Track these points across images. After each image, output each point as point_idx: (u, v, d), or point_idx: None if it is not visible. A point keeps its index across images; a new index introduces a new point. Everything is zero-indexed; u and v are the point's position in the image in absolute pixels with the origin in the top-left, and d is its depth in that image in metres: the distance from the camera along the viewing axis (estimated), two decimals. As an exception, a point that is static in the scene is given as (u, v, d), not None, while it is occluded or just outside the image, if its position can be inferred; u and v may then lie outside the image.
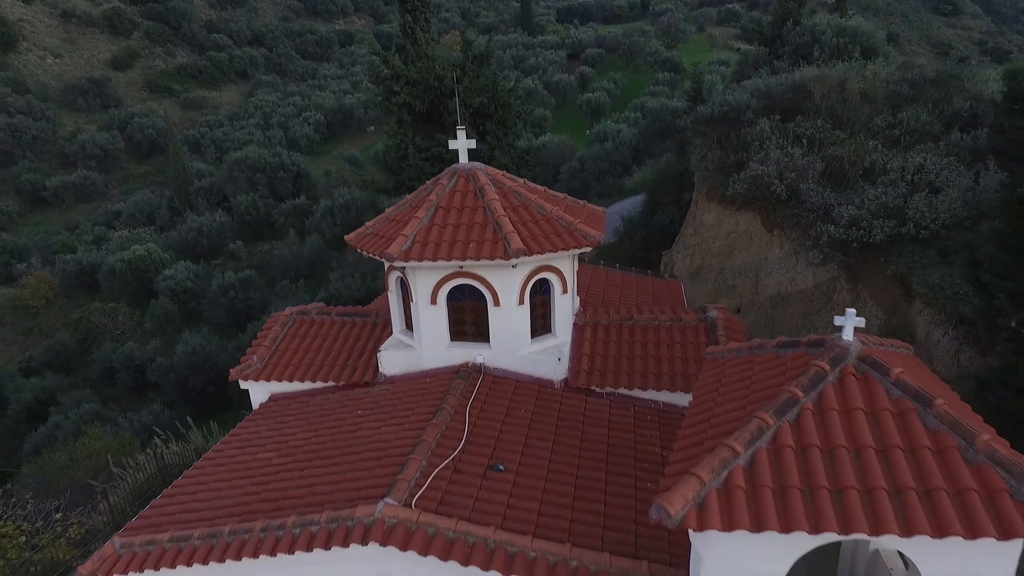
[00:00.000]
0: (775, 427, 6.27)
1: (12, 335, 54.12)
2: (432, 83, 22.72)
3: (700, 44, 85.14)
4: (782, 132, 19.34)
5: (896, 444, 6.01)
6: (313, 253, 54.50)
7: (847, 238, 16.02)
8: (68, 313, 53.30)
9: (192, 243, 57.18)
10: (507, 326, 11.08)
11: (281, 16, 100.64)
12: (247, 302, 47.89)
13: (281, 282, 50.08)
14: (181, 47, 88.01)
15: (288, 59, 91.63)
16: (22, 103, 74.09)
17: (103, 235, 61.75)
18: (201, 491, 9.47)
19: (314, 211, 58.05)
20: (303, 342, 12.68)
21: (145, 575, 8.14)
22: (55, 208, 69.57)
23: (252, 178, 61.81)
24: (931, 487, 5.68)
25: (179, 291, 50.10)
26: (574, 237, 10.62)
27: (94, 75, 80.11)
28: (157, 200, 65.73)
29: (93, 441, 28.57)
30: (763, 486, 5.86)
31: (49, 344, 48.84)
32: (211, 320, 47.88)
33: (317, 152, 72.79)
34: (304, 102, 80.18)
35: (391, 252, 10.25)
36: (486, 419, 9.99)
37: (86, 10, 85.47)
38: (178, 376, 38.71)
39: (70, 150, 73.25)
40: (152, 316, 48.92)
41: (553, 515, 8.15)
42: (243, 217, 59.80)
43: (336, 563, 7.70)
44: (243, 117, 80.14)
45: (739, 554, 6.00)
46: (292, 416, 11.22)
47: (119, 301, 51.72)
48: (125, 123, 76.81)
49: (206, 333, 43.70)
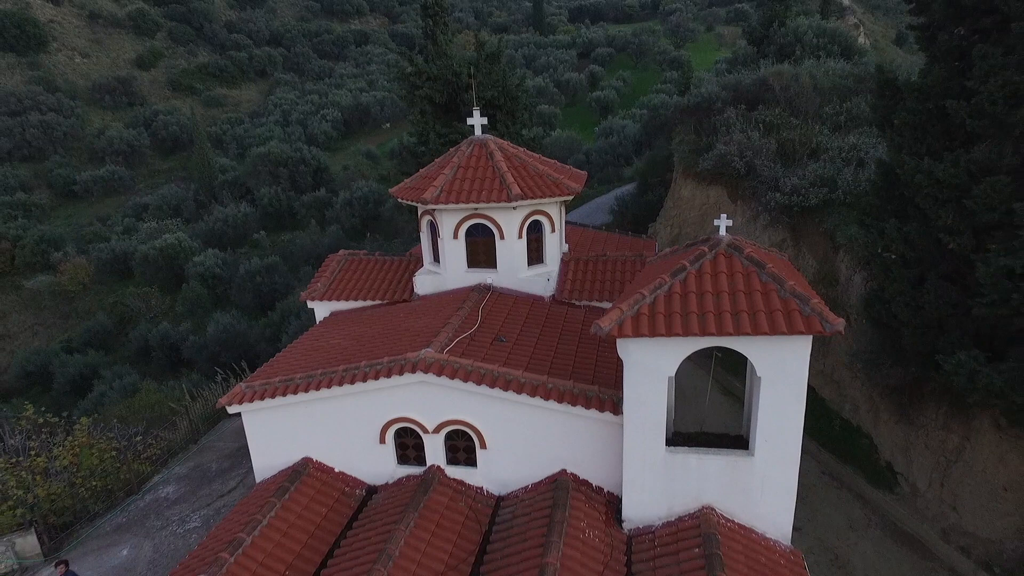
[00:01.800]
0: (670, 283, 10.53)
1: (52, 318, 58.89)
2: (450, 79, 27.17)
3: (708, 43, 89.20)
4: (746, 119, 23.63)
5: (741, 289, 10.24)
6: (333, 242, 58.79)
7: (789, 203, 20.25)
8: (103, 298, 57.94)
9: (218, 233, 61.90)
10: (510, 256, 15.42)
11: (298, 16, 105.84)
12: (272, 286, 52.35)
13: (304, 268, 54.49)
14: (203, 47, 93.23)
15: (305, 58, 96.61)
16: (53, 101, 79.39)
17: (132, 226, 66.45)
18: (293, 360, 13.86)
19: (334, 203, 62.65)
20: (355, 274, 17.10)
21: (264, 403, 12.51)
22: (85, 201, 74.53)
23: (275, 172, 66.59)
24: (756, 309, 9.90)
25: (208, 276, 54.62)
26: (559, 187, 14.96)
27: (120, 74, 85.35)
28: (183, 193, 70.59)
29: (149, 395, 33.21)
30: (658, 313, 10.11)
31: (88, 325, 53.46)
32: (238, 303, 52.31)
33: (334, 148, 77.55)
34: (322, 100, 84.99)
35: (426, 197, 14.63)
36: (493, 317, 14.31)
37: (112, 11, 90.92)
38: (210, 352, 42.78)
39: (98, 146, 78.40)
40: (184, 299, 53.49)
41: (537, 365, 12.43)
42: (266, 209, 64.53)
43: (392, 388, 12.01)
44: (263, 114, 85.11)
45: (644, 353, 10.28)
46: (351, 321, 15.62)
47: (151, 286, 56.27)
48: (150, 120, 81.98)
49: (235, 314, 48.13)
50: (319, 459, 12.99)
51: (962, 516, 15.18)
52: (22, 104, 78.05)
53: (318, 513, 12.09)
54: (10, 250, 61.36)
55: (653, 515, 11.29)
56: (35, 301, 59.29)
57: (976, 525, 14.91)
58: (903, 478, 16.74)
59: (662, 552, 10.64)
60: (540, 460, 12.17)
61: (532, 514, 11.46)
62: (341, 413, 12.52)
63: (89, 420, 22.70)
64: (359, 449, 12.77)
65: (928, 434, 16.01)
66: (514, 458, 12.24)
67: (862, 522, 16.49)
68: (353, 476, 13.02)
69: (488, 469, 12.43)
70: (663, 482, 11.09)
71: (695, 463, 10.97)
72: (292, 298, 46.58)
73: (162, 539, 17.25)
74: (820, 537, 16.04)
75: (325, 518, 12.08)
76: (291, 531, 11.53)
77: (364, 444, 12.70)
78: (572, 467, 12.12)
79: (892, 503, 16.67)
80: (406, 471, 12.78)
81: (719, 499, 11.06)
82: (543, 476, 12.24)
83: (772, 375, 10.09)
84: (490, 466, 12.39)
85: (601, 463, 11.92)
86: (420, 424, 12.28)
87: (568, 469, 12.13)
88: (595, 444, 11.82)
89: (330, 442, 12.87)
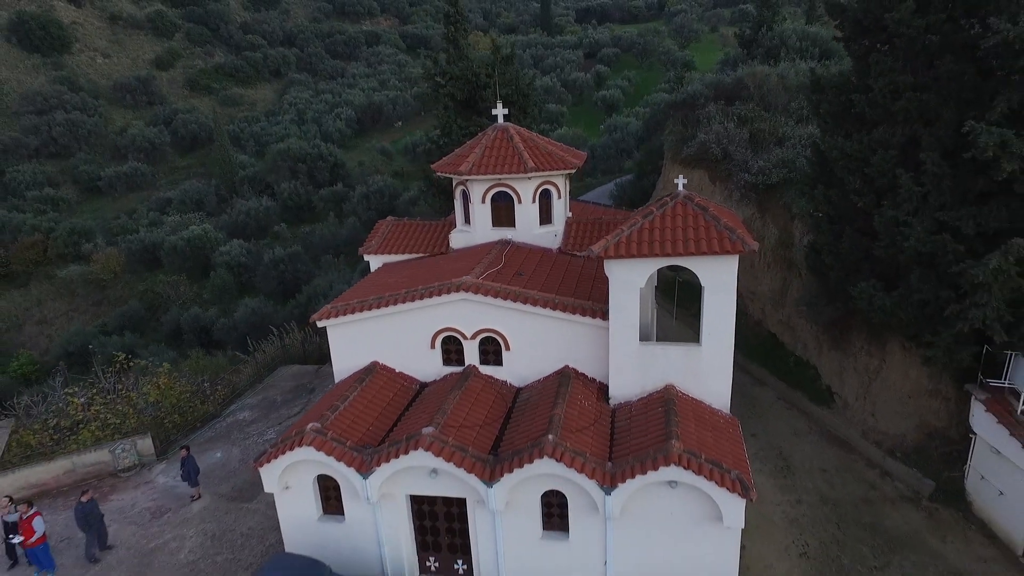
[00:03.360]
0: (641, 221, 15.44)
1: (85, 305, 63.99)
2: (470, 78, 32.16)
3: (712, 44, 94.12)
4: (724, 113, 28.58)
5: (690, 225, 15.13)
6: (351, 233, 63.86)
7: (756, 182, 25.18)
8: (134, 286, 63.03)
9: (241, 225, 67.07)
10: (525, 217, 20.37)
11: (311, 17, 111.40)
12: (295, 274, 57.37)
13: (324, 256, 59.57)
14: (219, 47, 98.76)
15: (318, 59, 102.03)
16: (77, 100, 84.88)
17: (157, 219, 71.56)
18: (360, 293, 18.84)
19: (351, 197, 67.82)
20: (401, 234, 22.10)
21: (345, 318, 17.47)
22: (109, 196, 79.84)
23: (294, 167, 71.84)
24: (700, 238, 14.80)
25: (234, 265, 59.67)
26: (564, 162, 19.94)
27: (140, 74, 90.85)
28: (205, 188, 75.86)
29: (199, 360, 38.15)
30: (632, 241, 15.02)
31: (122, 310, 58.54)
32: (263, 289, 57.31)
33: (349, 145, 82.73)
34: (335, 99, 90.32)
35: (461, 170, 19.60)
36: (513, 261, 19.24)
37: (131, 13, 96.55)
38: (239, 334, 47.49)
39: (121, 143, 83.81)
40: (212, 286, 58.59)
41: (548, 289, 17.35)
42: (286, 202, 69.73)
43: (441, 305, 16.94)
44: (278, 113, 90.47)
45: (624, 271, 15.19)
46: (400, 268, 20.61)
47: (180, 275, 61.26)
48: (170, 118, 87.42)
49: (262, 299, 53.13)
50: (384, 362, 17.97)
51: (878, 420, 20.05)
52: (48, 103, 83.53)
53: (385, 397, 17.06)
54: (43, 242, 66.50)
55: (631, 393, 16.20)
56: (68, 289, 64.23)
57: (887, 425, 19.77)
58: (838, 396, 21.62)
59: (636, 413, 15.58)
60: (549, 358, 17.12)
61: (543, 392, 16.42)
62: (401, 326, 17.49)
63: (169, 365, 27.74)
64: (414, 354, 17.75)
65: (856, 359, 20.89)
66: (530, 357, 17.20)
67: (804, 430, 21.37)
68: (409, 375, 17.99)
69: (511, 366, 17.38)
70: (638, 368, 16.01)
71: (660, 352, 15.90)
72: (316, 282, 51.73)
73: (246, 446, 22.26)
74: (771, 441, 20.91)
75: (391, 401, 17.04)
76: (368, 406, 16.48)
77: (418, 350, 17.68)
78: (573, 363, 17.07)
79: (828, 416, 21.56)
80: (449, 370, 17.75)
81: (678, 380, 15.96)
82: (551, 371, 17.19)
83: (712, 285, 14.99)
84: (512, 364, 17.35)
85: (594, 360, 16.85)
86: (461, 332, 17.25)
87: (570, 365, 17.07)
88: (589, 345, 16.75)
89: (392, 349, 17.84)
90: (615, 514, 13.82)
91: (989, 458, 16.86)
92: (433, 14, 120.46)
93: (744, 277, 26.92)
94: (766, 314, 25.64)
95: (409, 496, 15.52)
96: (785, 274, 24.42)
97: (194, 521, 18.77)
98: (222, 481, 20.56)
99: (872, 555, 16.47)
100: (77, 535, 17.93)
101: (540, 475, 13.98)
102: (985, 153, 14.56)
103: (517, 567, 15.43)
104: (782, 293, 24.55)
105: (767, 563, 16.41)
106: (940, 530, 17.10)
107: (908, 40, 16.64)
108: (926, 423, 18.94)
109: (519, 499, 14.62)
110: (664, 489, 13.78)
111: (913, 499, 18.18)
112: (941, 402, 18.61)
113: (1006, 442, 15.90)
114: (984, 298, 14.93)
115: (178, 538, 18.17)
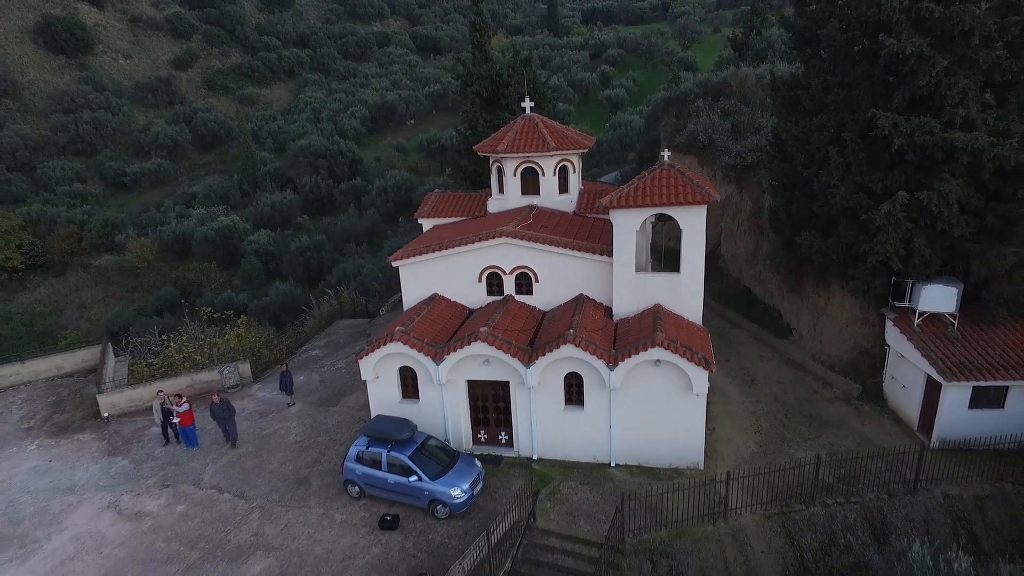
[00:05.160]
0: (637, 182, 22.11)
1: (120, 292, 70.63)
2: (493, 78, 38.90)
3: (714, 44, 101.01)
4: (711, 107, 35.32)
5: (673, 186, 21.80)
6: (370, 224, 70.63)
7: (735, 163, 31.89)
8: (166, 273, 69.69)
9: (266, 217, 73.77)
10: (548, 186, 27.07)
11: (323, 19, 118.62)
12: (320, 261, 63.94)
13: (347, 244, 66.25)
14: (235, 48, 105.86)
15: (331, 59, 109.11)
16: (102, 99, 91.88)
17: (184, 212, 78.23)
18: (421, 241, 25.52)
19: (369, 190, 74.63)
20: (447, 202, 28.85)
21: (413, 259, 24.15)
22: (134, 191, 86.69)
23: (314, 163, 78.74)
24: (678, 192, 21.45)
25: (262, 253, 66.26)
26: (578, 143, 26.68)
27: (161, 74, 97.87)
28: (228, 183, 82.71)
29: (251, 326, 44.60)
30: (630, 195, 21.71)
31: (158, 294, 65.10)
32: (290, 276, 63.86)
33: (363, 143, 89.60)
34: (349, 98, 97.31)
35: (499, 149, 26.30)
36: (538, 220, 25.91)
37: (151, 15, 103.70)
38: (271, 314, 53.84)
39: (144, 141, 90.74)
40: (243, 272, 65.23)
41: (568, 236, 24.00)
42: (307, 196, 76.55)
43: (487, 248, 23.59)
44: (294, 112, 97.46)
45: (623, 217, 21.87)
46: (449, 227, 27.31)
47: (210, 262, 67.79)
48: (190, 117, 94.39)
49: (291, 283, 59.71)
50: (442, 293, 24.63)
51: (823, 345, 26.69)
52: (74, 102, 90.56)
53: (445, 316, 23.73)
54: (78, 233, 73.22)
55: (629, 311, 22.84)
56: (104, 277, 70.90)
57: (830, 348, 26.41)
58: (795, 330, 28.27)
59: (632, 322, 22.24)
60: (568, 288, 23.77)
61: (564, 310, 23.12)
62: (455, 265, 24.15)
63: (246, 318, 34.42)
64: (465, 286, 24.42)
65: (808, 300, 27.54)
66: (553, 287, 23.86)
67: (768, 357, 28.02)
68: (461, 303, 24.66)
69: (539, 295, 24.04)
70: (633, 292, 22.64)
71: (650, 279, 22.56)
72: (344, 266, 58.48)
73: (322, 373, 28.95)
74: (741, 364, 27.55)
75: (450, 319, 23.70)
76: (434, 321, 23.14)
77: (468, 283, 24.35)
78: (585, 291, 23.73)
79: (787, 346, 28.21)
80: (492, 299, 24.41)
81: (664, 300, 22.59)
82: (570, 297, 23.85)
83: (687, 228, 21.64)
84: (540, 293, 24.00)
85: (602, 288, 23.49)
86: (502, 269, 23.91)
87: (583, 292, 23.72)
88: (598, 277, 23.39)
89: (448, 282, 24.51)
90: (617, 386, 20.47)
91: (897, 362, 23.50)
92: (441, 15, 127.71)
93: (726, 243, 33.78)
94: (742, 272, 32.30)
95: (467, 381, 22.20)
96: (757, 238, 31.07)
97: (294, 418, 25.46)
98: (308, 394, 27.22)
99: (808, 432, 23.09)
100: (207, 426, 24.57)
101: (564, 358, 20.66)
102: (883, 132, 21.25)
103: (545, 435, 22.10)
104: (755, 253, 31.19)
105: (730, 438, 23.02)
106: (861, 417, 23.73)
107: (834, 50, 23.39)
108: (858, 344, 25.57)
109: (548, 380, 21.29)
110: (651, 367, 20.43)
111: (844, 399, 24.81)
112: (868, 328, 25.23)
113: (907, 347, 22.52)
114: (884, 237, 21.58)
115: (285, 428, 24.84)
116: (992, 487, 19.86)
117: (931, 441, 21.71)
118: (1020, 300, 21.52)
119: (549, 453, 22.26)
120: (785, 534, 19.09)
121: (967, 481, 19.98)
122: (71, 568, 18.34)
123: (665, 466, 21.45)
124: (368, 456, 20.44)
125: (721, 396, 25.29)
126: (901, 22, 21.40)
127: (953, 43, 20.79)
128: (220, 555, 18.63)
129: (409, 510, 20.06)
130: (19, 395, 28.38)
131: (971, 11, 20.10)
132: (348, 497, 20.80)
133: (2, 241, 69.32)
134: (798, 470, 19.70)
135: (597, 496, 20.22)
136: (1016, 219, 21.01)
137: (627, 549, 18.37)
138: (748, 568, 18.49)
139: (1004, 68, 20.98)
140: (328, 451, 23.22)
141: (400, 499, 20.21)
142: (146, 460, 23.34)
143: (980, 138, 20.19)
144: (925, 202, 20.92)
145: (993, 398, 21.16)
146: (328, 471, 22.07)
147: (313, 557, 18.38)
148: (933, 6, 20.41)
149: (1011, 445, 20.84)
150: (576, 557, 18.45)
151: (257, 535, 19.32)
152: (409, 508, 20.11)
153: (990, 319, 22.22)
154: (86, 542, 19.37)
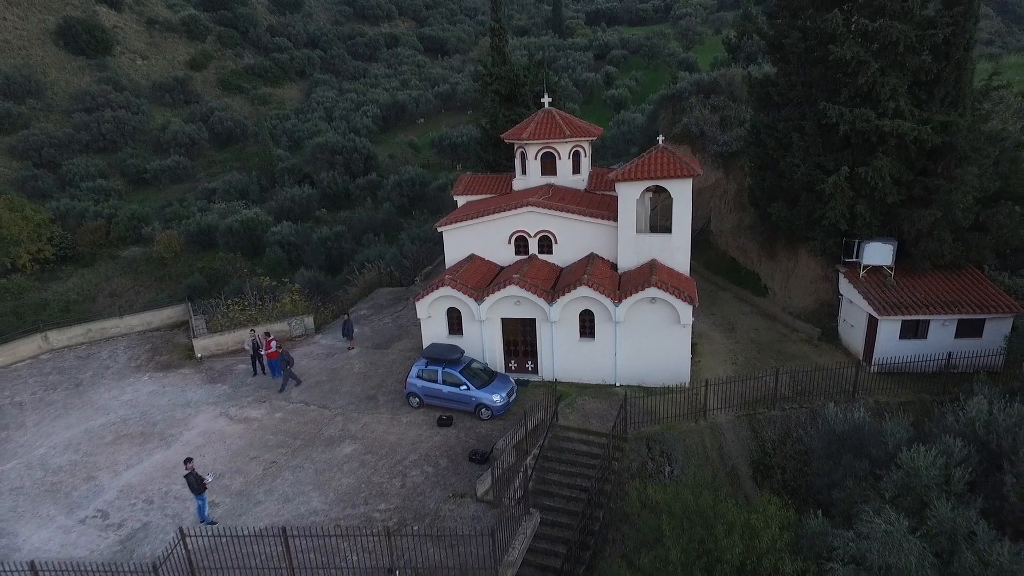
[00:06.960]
0: (637, 161, 28.85)
1: (148, 281, 77.11)
2: (511, 78, 45.71)
3: (715, 45, 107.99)
4: (703, 104, 42.16)
5: (666, 163, 28.51)
6: (386, 217, 77.11)
7: (722, 151, 38.68)
8: (192, 263, 76.17)
9: (286, 210, 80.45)
10: (564, 168, 33.86)
11: (332, 20, 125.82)
12: (340, 251, 70.38)
13: (366, 235, 72.86)
14: (248, 49, 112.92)
15: (341, 60, 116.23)
16: (122, 99, 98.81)
17: (205, 207, 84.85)
18: (459, 212, 32.27)
19: (384, 185, 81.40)
20: (477, 183, 35.67)
21: (455, 225, 30.86)
22: (154, 187, 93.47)
23: (331, 159, 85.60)
24: (670, 168, 28.17)
25: (284, 243, 72.75)
26: (589, 132, 33.51)
27: (177, 74, 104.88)
28: (246, 179, 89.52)
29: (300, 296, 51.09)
30: (631, 171, 28.45)
31: (187, 283, 71.53)
32: (312, 265, 70.28)
33: (375, 141, 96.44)
34: (360, 98, 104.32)
35: (523, 136, 33.07)
36: (556, 194, 32.65)
37: (167, 17, 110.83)
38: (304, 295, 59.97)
39: (163, 139, 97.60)
40: (266, 261, 71.69)
41: (581, 206, 30.70)
42: (325, 191, 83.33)
43: (515, 215, 30.30)
44: (307, 111, 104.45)
45: (626, 188, 28.61)
46: (479, 202, 34.08)
47: (235, 252, 74.20)
48: (207, 116, 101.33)
49: (315, 270, 66.12)
50: (478, 254, 31.35)
51: (793, 299, 33.43)
52: (96, 102, 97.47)
53: (482, 271, 30.44)
54: (105, 226, 79.82)
55: (630, 265, 29.54)
56: (132, 268, 77.44)
57: (798, 302, 33.14)
58: (770, 290, 35.04)
59: (633, 273, 28.92)
60: (581, 248, 30.48)
61: (578, 265, 29.83)
62: (489, 230, 30.85)
63: (298, 285, 41.11)
64: (497, 248, 31.14)
65: (780, 264, 34.29)
66: (570, 248, 30.57)
67: (748, 311, 34.77)
68: (493, 262, 31.35)
69: (558, 254, 30.76)
70: (634, 250, 29.35)
71: (648, 239, 29.29)
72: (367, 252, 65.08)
73: (372, 326, 35.67)
74: (724, 316, 34.28)
75: (485, 273, 30.40)
76: (474, 273, 29.83)
77: (499, 245, 31.06)
78: (596, 251, 30.44)
79: (763, 302, 34.97)
80: (519, 258, 31.11)
81: (659, 256, 29.28)
82: (582, 255, 30.54)
83: (678, 197, 28.35)
84: (559, 252, 30.73)
85: (608, 248, 30.18)
86: (527, 232, 30.63)
87: (594, 252, 30.42)
88: (606, 239, 30.07)
89: (483, 245, 31.22)
90: (621, 319, 27.17)
91: (847, 307, 30.23)
92: (448, 16, 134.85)
93: (715, 221, 40.55)
94: (728, 244, 39.06)
95: (501, 319, 28.90)
96: (740, 214, 37.82)
97: (355, 357, 32.19)
98: (364, 341, 33.96)
99: (775, 363, 29.76)
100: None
101: (580, 298, 27.38)
102: (832, 121, 28.03)
103: (564, 363, 28.82)
104: (738, 227, 37.94)
105: (712, 367, 29.70)
106: (819, 351, 30.45)
107: (797, 56, 30.21)
108: (820, 297, 32.29)
109: (566, 316, 28.00)
110: (648, 304, 27.13)
111: (807, 340, 31.52)
112: (828, 284, 31.94)
113: (854, 294, 29.22)
114: (833, 204, 28.34)
115: (349, 365, 31.55)
116: (914, 396, 26.52)
117: (871, 366, 28.39)
118: (939, 254, 28.24)
119: (566, 376, 28.97)
120: (751, 429, 25.77)
121: (893, 392, 26.67)
122: (206, 451, 24.98)
123: (659, 385, 28.11)
124: (427, 374, 27.16)
125: (707, 339, 32.00)
126: (844, 34, 28.23)
127: (885, 51, 27.61)
128: (318, 442, 25.31)
129: (459, 415, 26.75)
130: (120, 343, 35.08)
131: (896, 26, 26.91)
132: (409, 407, 27.52)
133: (34, 234, 75.95)
134: (762, 382, 26.40)
135: (605, 405, 26.91)
136: (935, 188, 27.77)
137: (628, 437, 25.04)
138: (722, 452, 25.14)
139: (927, 70, 27.82)
140: (388, 379, 29.92)
141: (452, 406, 26.92)
142: (241, 386, 30.04)
143: (903, 124, 27.00)
144: (864, 175, 27.69)
145: (918, 331, 27.86)
146: (391, 391, 28.77)
147: (389, 444, 25.05)
148: (866, 21, 27.25)
149: (931, 368, 27.50)
150: (589, 444, 25.13)
151: (343, 430, 26.01)
152: (459, 413, 26.80)
153: (918, 270, 28.97)
154: (211, 436, 26.05)
